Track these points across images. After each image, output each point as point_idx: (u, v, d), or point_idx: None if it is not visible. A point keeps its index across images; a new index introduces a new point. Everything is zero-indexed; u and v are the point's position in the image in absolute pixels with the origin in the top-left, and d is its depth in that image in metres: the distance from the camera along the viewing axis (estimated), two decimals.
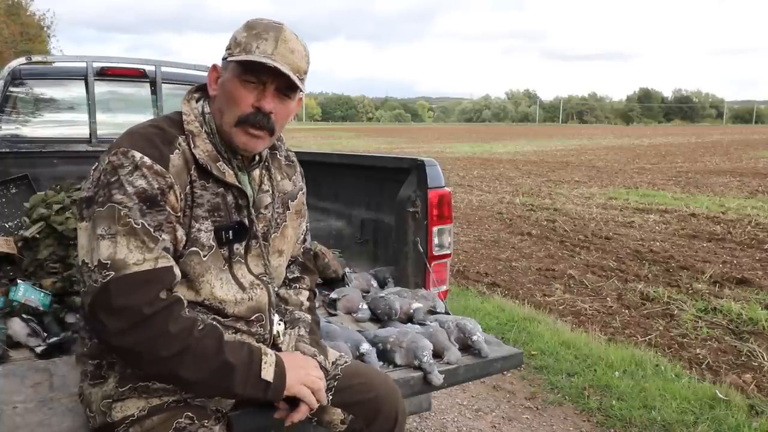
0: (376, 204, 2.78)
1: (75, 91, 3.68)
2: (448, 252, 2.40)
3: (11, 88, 3.54)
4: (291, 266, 1.58)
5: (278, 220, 1.45)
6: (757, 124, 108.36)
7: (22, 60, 3.52)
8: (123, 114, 3.85)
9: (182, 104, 1.35)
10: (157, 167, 1.20)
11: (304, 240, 1.62)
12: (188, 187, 1.26)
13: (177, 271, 1.21)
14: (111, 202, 1.17)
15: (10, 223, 2.98)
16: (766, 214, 8.35)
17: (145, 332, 1.14)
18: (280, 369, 1.26)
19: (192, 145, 1.28)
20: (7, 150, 3.44)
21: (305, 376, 1.30)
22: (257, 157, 1.40)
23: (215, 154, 1.30)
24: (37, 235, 2.35)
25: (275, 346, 1.44)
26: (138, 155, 1.20)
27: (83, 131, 3.54)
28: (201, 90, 1.38)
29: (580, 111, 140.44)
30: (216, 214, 1.30)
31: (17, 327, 1.87)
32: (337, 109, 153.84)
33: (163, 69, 3.64)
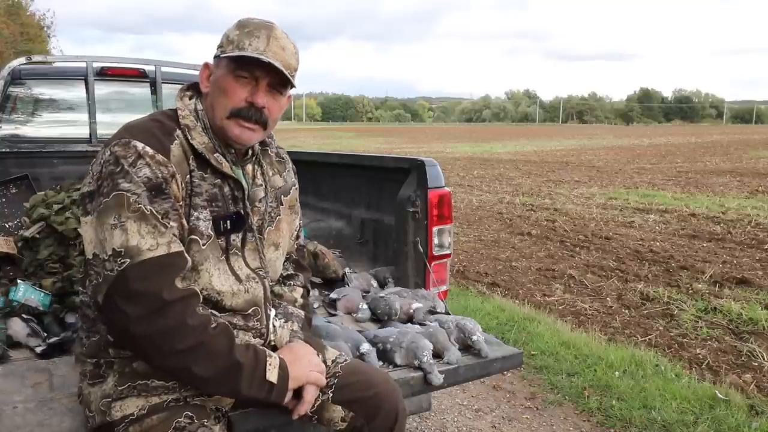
0: (376, 204, 2.78)
1: (75, 91, 3.68)
2: (448, 252, 2.40)
3: (11, 88, 3.53)
4: (285, 263, 1.60)
5: (272, 214, 1.47)
6: (757, 124, 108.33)
7: (22, 60, 3.52)
8: (123, 114, 3.85)
9: (176, 100, 1.38)
10: (159, 157, 1.23)
11: (298, 236, 1.64)
12: (188, 176, 1.28)
13: (188, 256, 1.23)
14: (118, 190, 1.19)
15: (10, 223, 2.98)
16: (766, 214, 8.34)
17: (165, 320, 1.15)
18: (283, 371, 1.29)
19: (190, 137, 1.30)
20: (7, 150, 3.44)
21: (306, 374, 1.34)
22: (250, 152, 1.42)
23: (211, 146, 1.33)
24: (37, 235, 2.36)
25: (269, 343, 1.45)
26: (140, 145, 1.22)
27: (83, 131, 3.54)
28: (192, 88, 1.40)
29: (580, 111, 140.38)
30: (214, 204, 1.32)
31: (17, 327, 1.87)
32: (337, 109, 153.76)
33: (163, 69, 3.64)
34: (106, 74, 3.54)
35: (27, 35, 27.39)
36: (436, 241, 2.35)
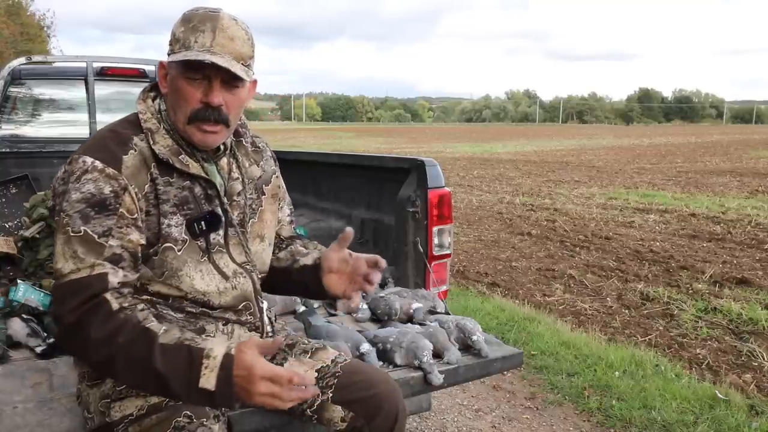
0: (376, 204, 2.78)
1: (75, 91, 3.69)
2: (448, 252, 2.40)
3: (11, 88, 3.54)
4: (282, 243, 1.60)
5: (253, 206, 1.45)
6: (757, 124, 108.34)
7: (22, 60, 3.52)
8: (123, 114, 3.84)
9: (137, 104, 1.35)
10: (109, 170, 1.21)
11: (291, 222, 1.64)
12: (149, 185, 1.26)
13: (114, 278, 1.17)
14: (60, 211, 1.20)
15: (10, 223, 2.98)
16: (766, 214, 8.34)
17: (72, 339, 1.16)
18: (225, 373, 1.07)
19: (152, 142, 1.28)
20: (7, 150, 3.44)
21: (257, 397, 1.08)
22: (222, 147, 1.39)
23: (176, 148, 1.30)
24: (37, 235, 2.36)
25: (267, 334, 1.46)
26: (89, 160, 1.21)
27: (83, 131, 3.55)
28: (155, 88, 1.38)
29: (580, 111, 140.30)
30: (185, 207, 1.30)
31: (17, 327, 1.87)
32: (337, 109, 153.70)
33: None
34: (106, 74, 3.55)
35: (27, 35, 27.39)
36: (436, 241, 2.35)
